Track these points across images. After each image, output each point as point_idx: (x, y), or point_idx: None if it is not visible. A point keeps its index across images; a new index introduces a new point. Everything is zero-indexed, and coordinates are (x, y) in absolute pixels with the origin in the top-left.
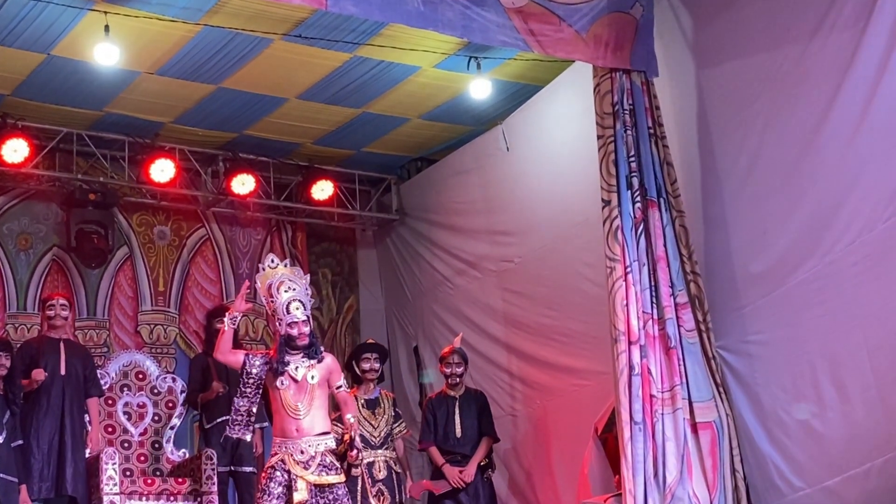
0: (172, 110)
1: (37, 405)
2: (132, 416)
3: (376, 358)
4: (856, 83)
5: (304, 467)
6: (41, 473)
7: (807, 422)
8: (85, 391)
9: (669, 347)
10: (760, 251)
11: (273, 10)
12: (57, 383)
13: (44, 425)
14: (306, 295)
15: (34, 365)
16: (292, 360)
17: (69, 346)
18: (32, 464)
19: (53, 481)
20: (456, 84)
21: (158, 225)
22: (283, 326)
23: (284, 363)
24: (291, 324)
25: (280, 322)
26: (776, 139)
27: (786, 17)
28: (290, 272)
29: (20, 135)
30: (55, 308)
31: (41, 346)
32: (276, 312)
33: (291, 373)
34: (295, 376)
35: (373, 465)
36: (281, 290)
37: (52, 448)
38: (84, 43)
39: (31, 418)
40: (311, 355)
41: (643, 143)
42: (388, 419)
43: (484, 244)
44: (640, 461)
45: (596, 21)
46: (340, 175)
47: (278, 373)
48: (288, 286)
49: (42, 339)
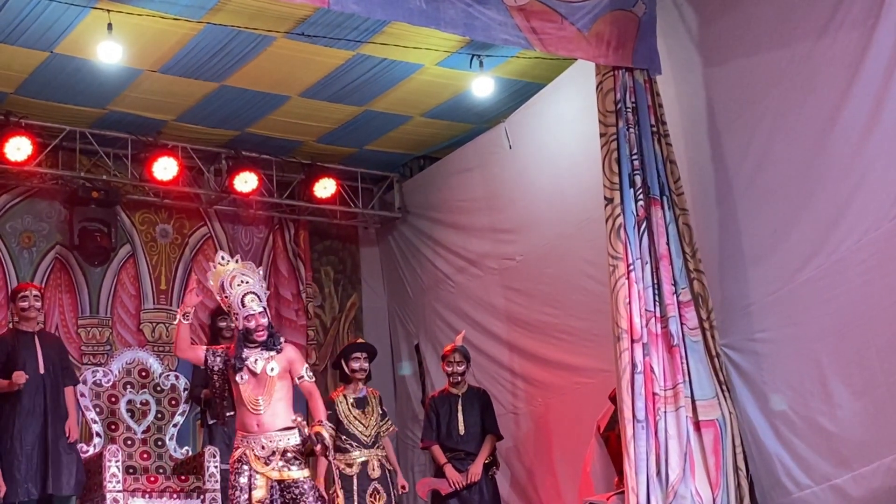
0: (175, 108)
1: (17, 406)
2: (135, 414)
3: (365, 357)
4: (865, 81)
5: (264, 463)
6: (25, 475)
7: (815, 419)
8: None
9: (672, 345)
10: (769, 249)
11: (275, 8)
12: (37, 382)
13: (26, 426)
14: (261, 287)
15: (10, 363)
16: (251, 353)
17: (43, 339)
18: (15, 465)
19: (39, 482)
20: (458, 82)
21: (161, 223)
22: (239, 321)
23: (242, 358)
24: (248, 317)
25: (237, 317)
26: (785, 137)
27: (794, 15)
28: (241, 266)
29: (23, 133)
30: (28, 299)
31: (16, 342)
32: (232, 307)
33: (251, 366)
34: (254, 369)
35: (367, 465)
36: (234, 284)
37: (35, 449)
38: (87, 41)
39: (13, 420)
40: (270, 347)
41: (646, 141)
42: (378, 418)
43: (486, 242)
44: (643, 459)
45: (598, 19)
46: (343, 173)
47: (237, 368)
48: (241, 280)
49: (16, 333)
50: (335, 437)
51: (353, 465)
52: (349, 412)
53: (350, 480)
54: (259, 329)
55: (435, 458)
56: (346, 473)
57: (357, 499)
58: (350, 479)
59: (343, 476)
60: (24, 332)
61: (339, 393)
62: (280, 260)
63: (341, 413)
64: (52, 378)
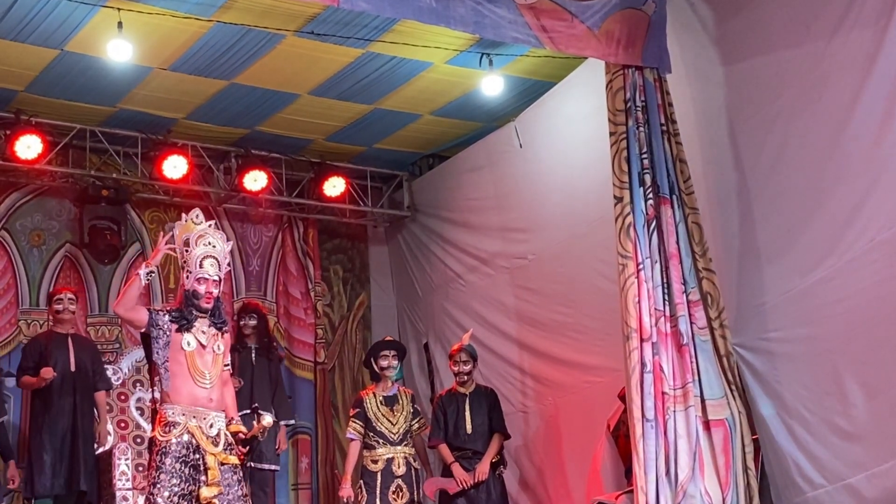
0: (185, 106)
1: (48, 401)
2: (145, 412)
3: (394, 355)
4: (878, 81)
5: (213, 443)
6: (53, 469)
7: (830, 419)
8: (93, 385)
9: (682, 344)
10: (783, 248)
11: (285, 6)
12: (67, 379)
13: (56, 421)
14: (224, 258)
15: (43, 361)
16: (198, 323)
17: (77, 340)
18: (45, 459)
19: (66, 477)
20: (468, 80)
21: (170, 221)
22: (190, 280)
23: (189, 320)
24: (200, 279)
25: (189, 275)
26: (799, 137)
27: (806, 15)
28: (213, 231)
29: (33, 131)
30: (63, 302)
31: (49, 342)
32: (188, 263)
33: (198, 336)
34: (202, 341)
35: (392, 462)
36: (199, 242)
37: (64, 444)
38: (97, 39)
39: (43, 415)
40: (217, 325)
41: (655, 140)
42: (407, 416)
43: (497, 241)
44: (652, 458)
45: (608, 17)
46: (352, 171)
47: (184, 329)
48: (207, 241)
49: (50, 334)
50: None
51: (378, 461)
52: (377, 410)
53: (374, 476)
54: (207, 296)
55: (442, 458)
56: (371, 469)
57: (380, 495)
58: (374, 475)
59: (367, 472)
60: (59, 334)
61: (368, 391)
62: (289, 258)
63: (369, 410)
64: (83, 377)
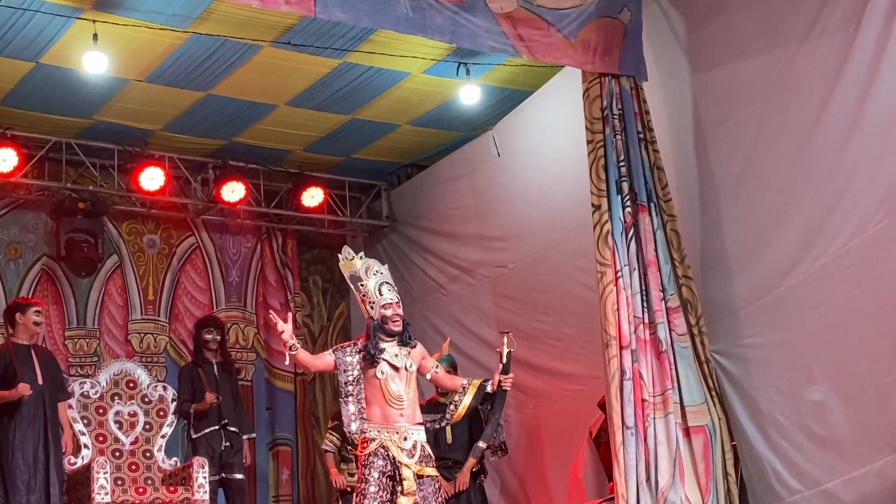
0: (162, 118)
1: (17, 417)
2: (123, 425)
3: None
4: (847, 86)
5: (408, 455)
6: (28, 486)
7: (805, 424)
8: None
9: (661, 352)
10: (755, 254)
11: (262, 17)
12: (36, 393)
13: (27, 436)
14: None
15: (9, 374)
16: (387, 346)
17: (38, 351)
18: (18, 476)
19: (43, 492)
20: (445, 90)
21: (148, 233)
22: (376, 309)
23: (380, 350)
24: (385, 305)
25: (372, 305)
26: (769, 143)
27: (777, 21)
28: (372, 261)
29: (9, 144)
30: (41, 314)
31: (14, 354)
32: (367, 296)
33: (391, 360)
34: (395, 363)
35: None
36: (369, 273)
37: (37, 458)
38: (73, 51)
39: (13, 431)
40: (404, 342)
41: (633, 148)
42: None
43: (477, 250)
44: (633, 465)
45: (584, 26)
46: (330, 182)
47: (374, 361)
48: (375, 270)
49: (12, 346)
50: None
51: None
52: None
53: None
54: (395, 318)
55: None
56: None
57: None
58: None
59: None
60: (20, 345)
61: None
62: (268, 269)
63: None
64: (49, 390)
